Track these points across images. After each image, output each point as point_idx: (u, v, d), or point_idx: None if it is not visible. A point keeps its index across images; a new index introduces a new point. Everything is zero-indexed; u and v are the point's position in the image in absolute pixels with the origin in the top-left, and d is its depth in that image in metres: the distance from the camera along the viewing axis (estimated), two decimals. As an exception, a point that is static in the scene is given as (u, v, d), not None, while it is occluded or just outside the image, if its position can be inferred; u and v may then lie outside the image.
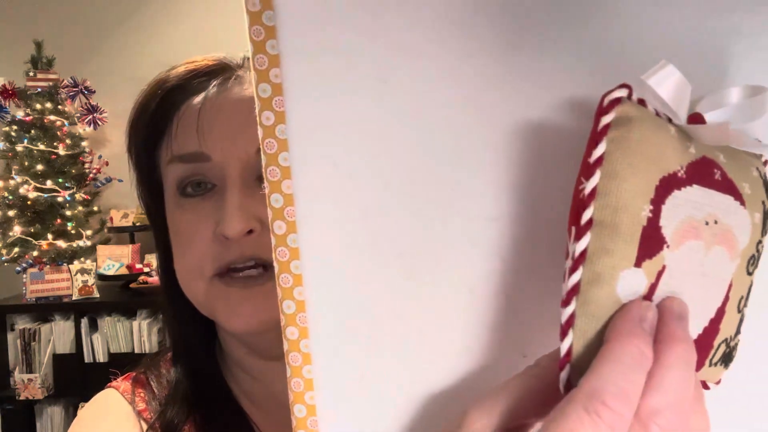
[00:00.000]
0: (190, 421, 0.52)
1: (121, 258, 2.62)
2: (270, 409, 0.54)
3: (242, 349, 0.54)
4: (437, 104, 0.28)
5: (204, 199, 0.48)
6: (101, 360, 2.38)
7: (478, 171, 0.28)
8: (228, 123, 0.47)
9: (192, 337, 0.56)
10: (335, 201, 0.28)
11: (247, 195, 0.46)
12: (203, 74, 0.50)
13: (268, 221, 0.43)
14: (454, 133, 0.28)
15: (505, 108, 0.27)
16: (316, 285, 0.29)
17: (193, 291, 0.49)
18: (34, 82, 2.48)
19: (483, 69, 0.27)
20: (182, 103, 0.49)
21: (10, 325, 2.41)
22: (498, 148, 0.28)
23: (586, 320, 0.23)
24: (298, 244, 0.29)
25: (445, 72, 0.27)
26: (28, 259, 2.42)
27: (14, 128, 2.46)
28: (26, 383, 2.32)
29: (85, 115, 2.62)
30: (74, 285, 2.41)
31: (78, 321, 2.38)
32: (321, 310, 0.29)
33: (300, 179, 0.28)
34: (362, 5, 0.27)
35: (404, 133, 0.28)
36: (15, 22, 2.85)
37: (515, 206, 0.28)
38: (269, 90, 0.28)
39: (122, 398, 0.54)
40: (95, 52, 2.86)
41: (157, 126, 0.50)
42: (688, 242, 0.23)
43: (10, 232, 2.41)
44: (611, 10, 0.26)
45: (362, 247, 0.29)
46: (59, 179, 2.46)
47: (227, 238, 0.45)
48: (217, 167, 0.47)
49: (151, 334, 2.38)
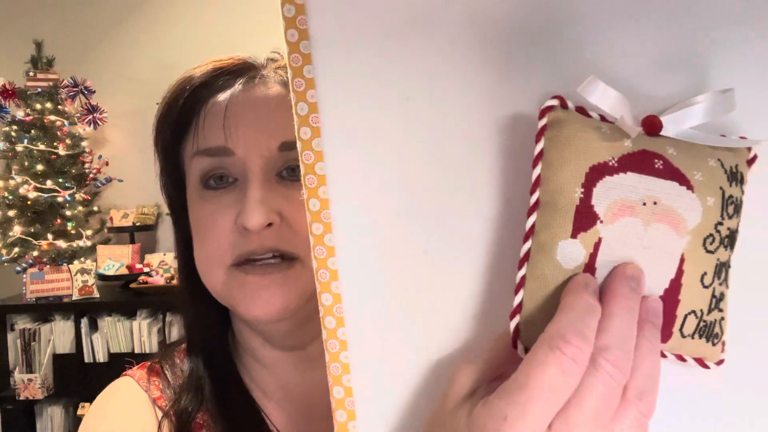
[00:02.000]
0: (203, 410, 0.53)
1: (121, 258, 2.63)
2: (280, 401, 0.56)
3: (257, 340, 0.55)
4: (455, 119, 0.32)
5: (226, 192, 0.50)
6: (101, 360, 2.38)
7: (491, 178, 0.32)
8: (252, 120, 0.49)
9: (207, 328, 0.57)
10: (366, 205, 0.33)
11: (268, 189, 0.48)
12: (228, 72, 0.52)
13: (289, 216, 0.46)
14: (469, 144, 0.32)
15: (514, 122, 0.32)
16: (350, 279, 0.33)
17: (212, 279, 0.51)
18: (34, 82, 2.48)
19: (495, 87, 0.32)
20: (208, 99, 0.51)
21: (10, 325, 2.41)
22: (509, 157, 0.32)
23: (533, 281, 0.29)
24: (334, 243, 0.33)
25: (461, 90, 0.32)
26: (28, 259, 2.42)
27: (14, 128, 2.46)
28: (26, 383, 2.32)
29: (85, 115, 2.62)
30: (74, 285, 2.41)
31: (78, 321, 2.38)
32: (355, 301, 0.33)
33: (334, 186, 0.33)
34: (388, 32, 0.32)
35: (426, 145, 0.33)
36: (15, 22, 2.85)
37: (521, 207, 0.32)
38: (306, 108, 0.33)
39: (137, 386, 0.55)
40: (95, 52, 2.86)
41: (183, 121, 0.52)
42: (623, 219, 0.29)
43: (10, 232, 2.41)
44: (597, 36, 0.31)
45: (391, 245, 0.33)
46: (59, 179, 2.46)
47: (248, 230, 0.47)
48: (239, 162, 0.49)
49: (151, 334, 2.38)
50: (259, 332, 0.55)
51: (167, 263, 2.62)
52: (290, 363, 0.56)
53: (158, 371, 0.57)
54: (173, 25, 2.85)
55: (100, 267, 2.56)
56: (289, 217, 0.48)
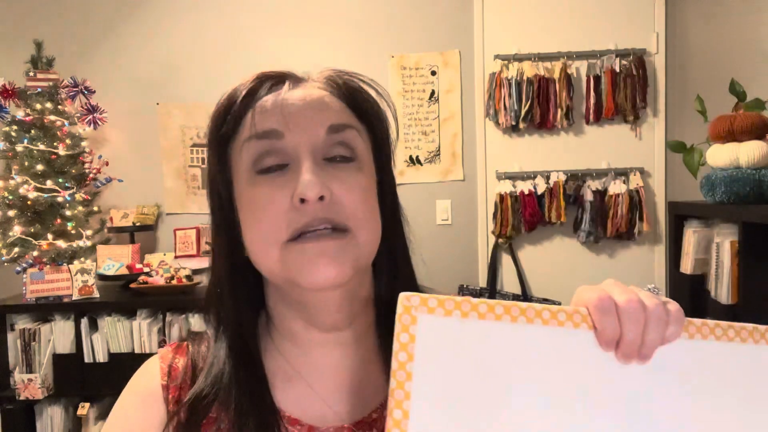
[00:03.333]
0: (218, 401, 0.56)
1: (121, 258, 2.63)
2: (314, 382, 0.59)
3: (298, 323, 0.59)
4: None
5: (279, 175, 0.54)
6: (101, 360, 2.38)
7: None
8: (301, 108, 0.54)
9: (240, 317, 0.60)
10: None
11: (319, 168, 0.53)
12: (275, 77, 0.58)
13: (338, 192, 0.53)
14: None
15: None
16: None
17: (268, 258, 0.54)
18: (34, 82, 2.48)
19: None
20: (258, 100, 0.56)
21: (10, 325, 2.41)
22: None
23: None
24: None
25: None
26: (28, 259, 2.42)
27: (14, 128, 2.46)
28: (26, 383, 2.32)
29: (85, 115, 2.62)
30: (74, 285, 2.41)
31: (78, 321, 2.38)
32: None
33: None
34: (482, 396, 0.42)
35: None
36: (15, 22, 2.85)
37: None
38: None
39: (158, 372, 0.61)
40: (95, 52, 2.86)
41: (236, 121, 0.56)
42: None
43: (10, 232, 2.41)
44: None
45: None
46: (59, 179, 2.46)
47: (303, 202, 0.51)
48: (289, 145, 0.53)
49: (151, 334, 2.38)
50: (302, 313, 0.58)
51: (167, 263, 2.62)
52: (327, 345, 0.59)
53: (184, 350, 0.62)
54: (173, 25, 2.85)
55: (100, 267, 2.56)
56: (337, 193, 0.53)
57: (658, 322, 0.44)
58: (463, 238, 2.82)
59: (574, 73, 2.72)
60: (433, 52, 2.80)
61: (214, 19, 2.84)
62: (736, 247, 1.66)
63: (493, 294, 2.72)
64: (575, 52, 2.70)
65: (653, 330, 0.43)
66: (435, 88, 2.82)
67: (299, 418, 0.57)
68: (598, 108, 2.68)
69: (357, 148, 0.56)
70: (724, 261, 1.73)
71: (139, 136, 2.88)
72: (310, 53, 2.78)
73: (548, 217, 2.69)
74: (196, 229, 2.80)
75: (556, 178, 2.70)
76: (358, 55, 2.82)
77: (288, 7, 2.83)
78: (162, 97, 2.86)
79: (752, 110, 1.75)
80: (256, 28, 2.84)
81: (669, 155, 2.69)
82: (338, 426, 0.57)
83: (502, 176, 2.75)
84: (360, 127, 0.58)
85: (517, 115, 2.68)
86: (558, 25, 2.73)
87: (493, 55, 2.74)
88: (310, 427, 0.56)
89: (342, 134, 0.55)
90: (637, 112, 2.67)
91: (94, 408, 2.44)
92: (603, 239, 2.73)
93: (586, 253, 2.78)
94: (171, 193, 2.89)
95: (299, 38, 2.82)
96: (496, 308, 0.44)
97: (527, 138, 2.77)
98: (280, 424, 0.55)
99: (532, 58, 2.70)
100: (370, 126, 0.59)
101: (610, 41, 2.69)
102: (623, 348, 0.44)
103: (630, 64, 2.65)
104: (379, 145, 0.60)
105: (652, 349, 0.44)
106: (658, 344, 0.44)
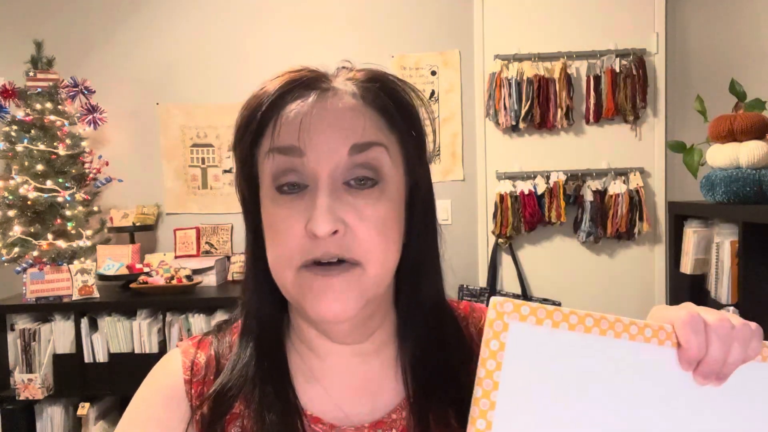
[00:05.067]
0: (241, 397, 0.57)
1: (121, 258, 2.63)
2: (328, 385, 0.59)
3: (312, 332, 0.59)
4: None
5: (297, 197, 0.53)
6: (101, 360, 2.38)
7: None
8: (324, 127, 0.53)
9: (266, 314, 0.61)
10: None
11: (335, 198, 0.52)
12: (303, 85, 0.55)
13: (353, 224, 0.53)
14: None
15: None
16: None
17: (283, 279, 0.54)
18: (34, 82, 2.48)
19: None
20: (284, 107, 0.54)
21: (10, 325, 2.41)
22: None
23: None
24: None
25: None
26: (28, 259, 2.42)
27: (14, 128, 2.46)
28: (26, 383, 2.32)
29: (85, 115, 2.62)
30: (74, 285, 2.41)
31: (78, 321, 2.38)
32: None
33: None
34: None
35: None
36: (15, 22, 2.85)
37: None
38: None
39: (180, 367, 0.61)
40: (95, 52, 2.86)
41: (260, 127, 0.55)
42: None
43: (10, 232, 2.41)
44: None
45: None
46: (59, 179, 2.46)
47: (315, 236, 0.51)
48: (309, 164, 0.52)
49: (151, 334, 2.38)
50: (316, 326, 0.59)
51: (167, 263, 2.62)
52: (344, 355, 0.60)
53: (207, 345, 0.63)
54: (173, 25, 2.85)
55: (100, 267, 2.56)
56: (353, 225, 0.52)
57: (743, 341, 0.44)
58: (463, 238, 2.82)
59: (574, 73, 2.72)
60: (433, 52, 2.80)
61: (214, 19, 2.84)
62: (736, 247, 1.66)
63: (493, 293, 2.72)
64: (575, 52, 2.69)
65: (738, 350, 0.44)
66: (435, 88, 2.82)
67: (321, 417, 0.58)
68: (598, 108, 2.68)
69: (382, 167, 0.54)
70: (724, 261, 1.73)
71: (139, 136, 2.88)
72: (311, 53, 2.78)
73: (548, 217, 2.69)
74: (196, 229, 2.80)
75: (556, 178, 2.69)
76: (358, 56, 2.81)
77: (288, 7, 2.83)
78: (162, 97, 2.86)
79: (752, 110, 1.75)
80: (256, 28, 2.84)
81: (669, 155, 2.69)
82: (358, 426, 0.57)
83: (502, 176, 2.74)
84: (389, 139, 0.55)
85: (517, 115, 2.68)
86: (558, 25, 2.73)
87: (493, 55, 2.74)
88: (331, 425, 0.57)
89: (366, 154, 0.53)
90: (637, 112, 2.67)
91: (94, 408, 2.44)
92: (603, 239, 2.73)
93: (586, 253, 2.78)
94: (171, 193, 2.89)
95: (299, 38, 2.82)
96: (586, 320, 0.44)
97: (527, 138, 2.77)
98: (303, 421, 0.56)
99: (532, 58, 2.70)
100: (402, 133, 0.57)
101: (610, 41, 2.69)
102: (704, 367, 0.44)
103: (630, 64, 2.65)
104: (413, 150, 0.58)
105: (732, 369, 0.45)
106: (739, 364, 0.45)
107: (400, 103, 0.57)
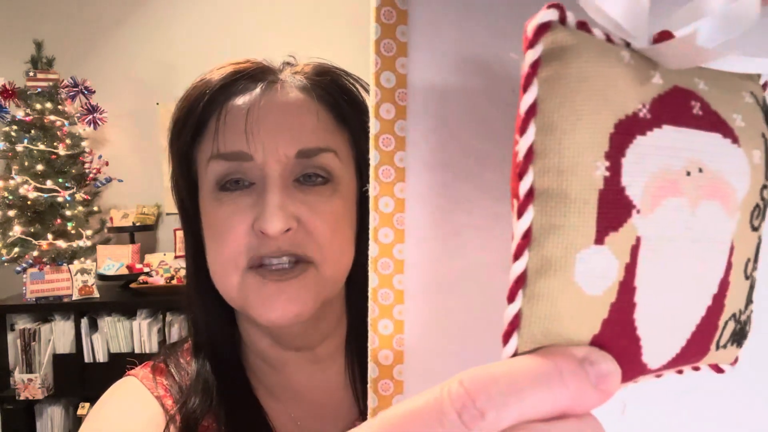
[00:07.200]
0: (210, 414, 0.52)
1: (121, 258, 2.62)
2: (287, 401, 0.56)
3: (265, 341, 0.55)
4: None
5: (243, 194, 0.49)
6: (101, 360, 2.38)
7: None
8: (272, 126, 0.49)
9: (216, 328, 0.56)
10: (449, 210, 0.25)
11: (286, 195, 0.48)
12: (248, 76, 0.51)
13: (306, 221, 0.46)
14: None
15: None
16: (420, 305, 0.25)
17: (227, 283, 0.50)
18: (34, 82, 2.48)
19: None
20: (227, 102, 0.50)
21: (10, 325, 2.41)
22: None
23: (535, 323, 0.17)
24: (405, 256, 0.25)
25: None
26: (28, 259, 2.42)
27: (14, 128, 2.46)
28: (26, 383, 2.32)
29: (85, 115, 2.62)
30: (74, 285, 2.41)
31: (78, 321, 2.38)
32: (420, 334, 0.26)
33: (415, 184, 0.25)
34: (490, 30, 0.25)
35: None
36: (15, 22, 2.85)
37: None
38: (393, 80, 0.25)
39: (141, 384, 0.54)
40: (95, 52, 2.86)
41: (200, 125, 0.51)
42: (666, 201, 0.18)
43: (10, 232, 2.41)
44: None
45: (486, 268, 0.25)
46: (59, 179, 2.46)
47: (265, 235, 0.47)
48: (257, 167, 0.49)
49: (151, 334, 2.38)
50: (267, 334, 0.55)
51: (167, 263, 2.62)
52: (298, 363, 0.56)
53: (163, 370, 0.56)
54: (173, 25, 2.85)
55: (100, 267, 2.56)
56: (306, 221, 0.48)
57: None
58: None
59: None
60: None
61: (214, 19, 2.84)
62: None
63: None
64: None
65: None
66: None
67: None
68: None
69: (333, 170, 0.50)
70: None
71: (139, 136, 2.88)
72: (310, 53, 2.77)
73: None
74: (196, 229, 2.80)
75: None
76: (358, 55, 2.81)
77: (287, 6, 2.83)
78: (162, 97, 2.86)
79: (752, 110, 1.75)
80: (256, 27, 2.84)
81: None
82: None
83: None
84: (340, 138, 0.52)
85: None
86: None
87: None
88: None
89: (314, 159, 0.49)
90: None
91: (94, 408, 2.44)
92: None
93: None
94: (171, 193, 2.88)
95: (299, 38, 2.82)
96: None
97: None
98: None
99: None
100: (354, 131, 0.53)
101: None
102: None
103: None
104: (365, 148, 0.55)
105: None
106: None
107: (351, 99, 0.53)
